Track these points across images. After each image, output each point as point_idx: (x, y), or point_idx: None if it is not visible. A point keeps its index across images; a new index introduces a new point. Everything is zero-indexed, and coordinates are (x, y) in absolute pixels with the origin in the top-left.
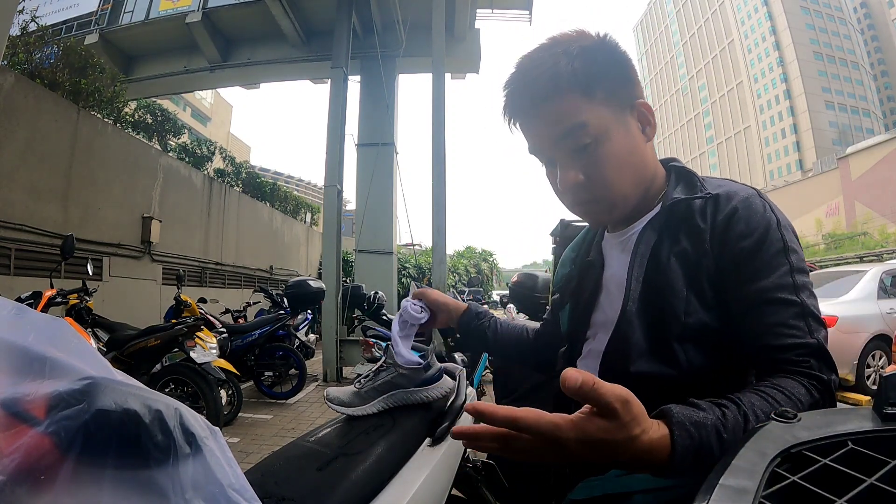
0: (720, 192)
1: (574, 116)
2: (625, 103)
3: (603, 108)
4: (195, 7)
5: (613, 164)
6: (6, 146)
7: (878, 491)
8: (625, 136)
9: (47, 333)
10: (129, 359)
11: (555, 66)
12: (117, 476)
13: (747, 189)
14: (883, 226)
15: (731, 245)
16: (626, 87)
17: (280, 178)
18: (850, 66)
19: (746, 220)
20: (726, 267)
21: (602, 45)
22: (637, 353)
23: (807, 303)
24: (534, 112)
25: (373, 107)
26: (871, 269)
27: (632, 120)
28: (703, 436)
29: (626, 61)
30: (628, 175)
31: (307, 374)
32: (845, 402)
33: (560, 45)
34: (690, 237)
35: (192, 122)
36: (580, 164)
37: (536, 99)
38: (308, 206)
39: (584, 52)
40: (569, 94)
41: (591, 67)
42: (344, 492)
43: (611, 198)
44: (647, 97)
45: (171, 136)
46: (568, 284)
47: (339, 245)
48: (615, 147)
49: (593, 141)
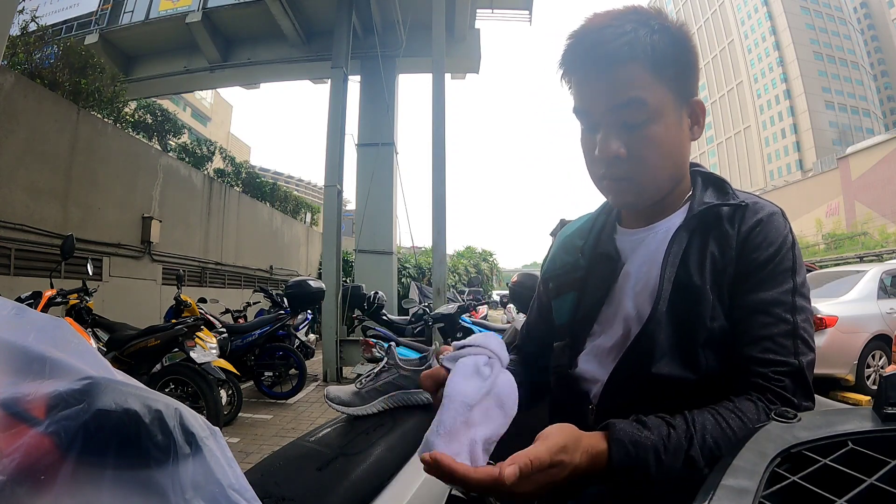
0: (749, 203)
1: (637, 90)
2: (685, 95)
3: (666, 91)
4: (195, 7)
5: (658, 148)
6: (6, 146)
7: (878, 491)
8: (676, 126)
9: (47, 333)
10: (129, 359)
11: (635, 32)
12: (117, 476)
13: (774, 206)
14: (883, 226)
15: (747, 254)
16: (691, 80)
17: (280, 178)
18: (850, 66)
19: (766, 233)
20: (739, 274)
21: (680, 32)
22: (661, 354)
23: (800, 325)
24: (598, 71)
25: (373, 107)
26: (871, 269)
27: (685, 114)
28: (641, 455)
29: (696, 55)
30: (668, 164)
31: (307, 374)
32: (845, 401)
33: (641, 15)
34: (719, 243)
35: (192, 122)
36: (627, 137)
37: (607, 58)
38: (308, 206)
39: (665, 30)
40: (640, 64)
41: (669, 47)
42: (344, 492)
43: (644, 181)
44: None
45: (171, 136)
46: (573, 273)
47: (339, 245)
48: (665, 133)
49: (647, 120)
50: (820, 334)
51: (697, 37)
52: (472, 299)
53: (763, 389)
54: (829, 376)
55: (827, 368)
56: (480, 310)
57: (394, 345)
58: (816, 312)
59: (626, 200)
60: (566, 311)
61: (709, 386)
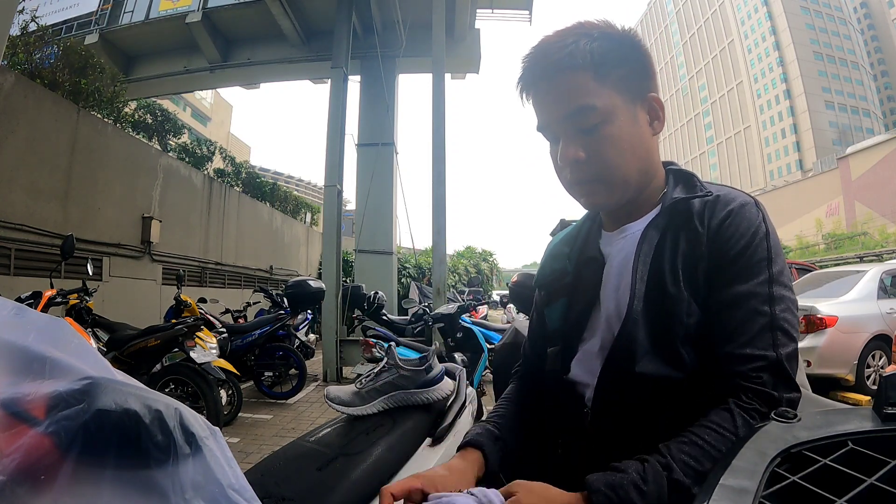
0: (719, 195)
1: (584, 97)
2: (637, 94)
3: (613, 93)
4: (195, 7)
5: (615, 146)
6: (6, 146)
7: (878, 491)
8: (631, 123)
9: (47, 333)
10: (129, 359)
11: (574, 44)
12: (117, 476)
13: (745, 196)
14: (883, 226)
15: (719, 247)
16: (641, 79)
17: (280, 178)
18: (850, 66)
19: (737, 224)
20: (713, 269)
21: (626, 35)
22: (642, 352)
23: (778, 315)
24: (546, 85)
25: (373, 107)
26: (871, 269)
27: (641, 111)
28: (621, 494)
29: (644, 55)
30: (630, 160)
31: (307, 374)
32: (845, 401)
33: (584, 28)
34: (689, 240)
35: (192, 122)
36: (584, 142)
37: (550, 71)
38: (308, 206)
39: (605, 37)
40: (582, 71)
41: (609, 52)
42: (344, 492)
43: (609, 178)
44: None
45: (171, 136)
46: (561, 280)
47: (339, 245)
48: (619, 131)
49: (599, 122)
50: (820, 334)
51: (697, 37)
52: (472, 299)
53: (741, 389)
54: (829, 376)
55: (827, 368)
56: (480, 310)
57: (394, 345)
58: (816, 312)
59: (597, 201)
60: (557, 317)
61: (698, 382)
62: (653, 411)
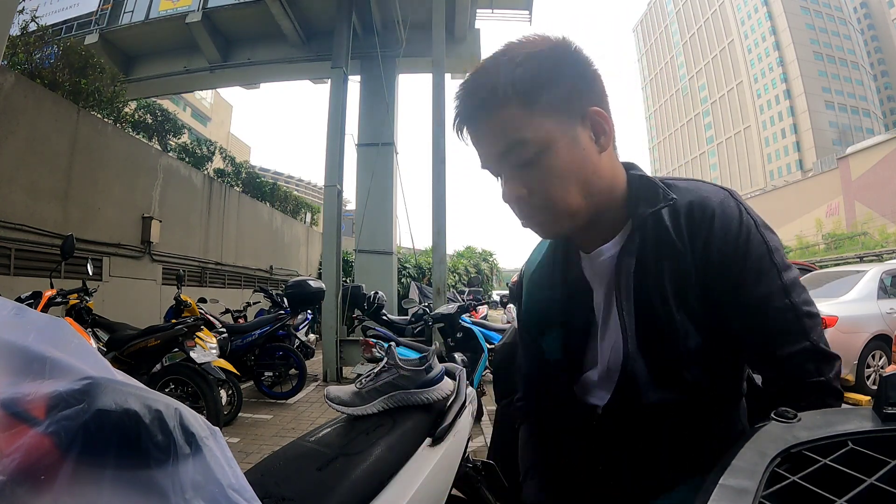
0: (693, 201)
1: (514, 132)
2: (574, 113)
3: (545, 120)
4: (195, 7)
5: (556, 177)
6: (6, 146)
7: (878, 491)
8: (571, 148)
9: (47, 333)
10: (129, 359)
11: (496, 75)
12: (117, 476)
13: (718, 192)
14: (883, 226)
15: (714, 257)
16: (577, 95)
17: (280, 178)
18: (850, 66)
19: (725, 229)
20: (713, 280)
21: (554, 50)
22: (646, 386)
23: (797, 303)
24: (475, 126)
25: (373, 107)
26: (871, 269)
27: (582, 130)
28: None
29: (578, 67)
30: (574, 188)
31: (307, 374)
32: (845, 402)
33: (509, 51)
34: (670, 257)
35: (192, 122)
36: (523, 178)
37: (477, 112)
38: (308, 206)
39: (530, 58)
40: (507, 105)
41: (535, 75)
42: (344, 492)
43: (556, 210)
44: (647, 97)
45: (171, 136)
46: (550, 309)
47: (339, 245)
48: (559, 161)
49: (535, 155)
50: None
51: (697, 37)
52: (472, 299)
53: (796, 389)
54: None
55: None
56: (480, 310)
57: (394, 345)
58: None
59: (552, 233)
60: (556, 348)
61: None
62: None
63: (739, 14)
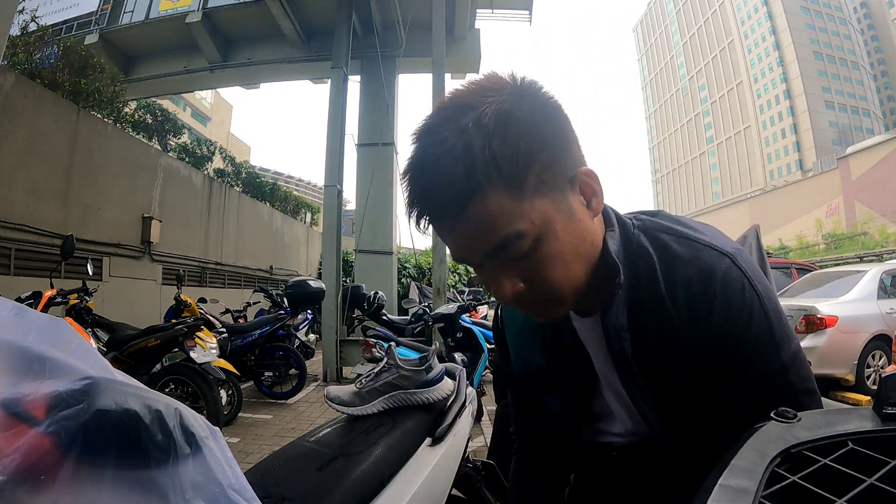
0: (692, 277)
1: (505, 225)
2: (564, 180)
3: (538, 202)
4: (195, 7)
5: (559, 264)
6: (6, 146)
7: (878, 491)
8: (568, 224)
9: (47, 333)
10: (129, 359)
11: (465, 153)
12: (117, 476)
13: (720, 260)
14: (883, 226)
15: (714, 335)
16: (564, 158)
17: (280, 178)
18: (850, 66)
19: (727, 308)
20: (711, 353)
21: (523, 98)
22: (674, 460)
23: (795, 382)
24: (450, 224)
25: (373, 107)
26: (871, 269)
27: (574, 198)
28: None
29: (557, 119)
30: (577, 268)
31: (307, 374)
32: (845, 402)
33: (468, 109)
34: (671, 332)
35: (192, 122)
36: (519, 271)
37: (448, 208)
38: (308, 206)
39: (503, 120)
40: (492, 193)
41: (517, 144)
42: (344, 492)
43: (559, 296)
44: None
45: (171, 136)
46: (543, 375)
47: (339, 245)
48: (558, 243)
49: (533, 245)
50: (820, 334)
51: (697, 37)
52: (472, 299)
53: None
54: (829, 376)
55: (827, 368)
56: (480, 310)
57: (394, 345)
58: (816, 312)
59: (553, 317)
60: (557, 406)
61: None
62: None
63: (739, 14)
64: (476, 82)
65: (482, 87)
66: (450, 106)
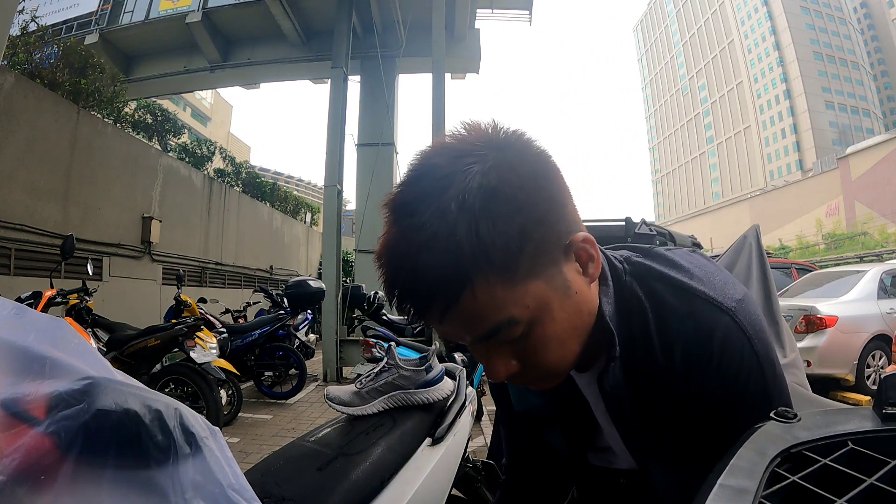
0: (690, 336)
1: (496, 313)
2: (558, 251)
3: (531, 284)
4: (195, 7)
5: (555, 345)
6: (6, 146)
7: (878, 491)
8: (564, 302)
9: (47, 333)
10: (129, 359)
11: (450, 243)
12: (117, 476)
13: (720, 318)
14: (883, 226)
15: (708, 393)
16: (558, 227)
17: (280, 178)
18: (850, 66)
19: (724, 368)
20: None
21: (509, 163)
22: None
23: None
24: (437, 314)
25: (373, 107)
26: (871, 269)
27: (569, 268)
28: None
29: (550, 180)
30: (573, 344)
31: (307, 374)
32: (845, 401)
33: (448, 181)
34: (666, 387)
35: (192, 122)
36: (511, 351)
37: (433, 301)
38: (308, 206)
39: (489, 198)
40: (481, 285)
41: (507, 227)
42: (344, 492)
43: (554, 374)
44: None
45: (171, 136)
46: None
47: (339, 245)
48: (554, 326)
49: (527, 328)
50: (820, 334)
51: (697, 37)
52: None
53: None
54: (829, 376)
55: (827, 368)
56: None
57: (394, 345)
58: (816, 312)
59: (548, 387)
60: (559, 440)
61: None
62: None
63: (739, 14)
64: (455, 138)
65: (462, 147)
66: (426, 176)
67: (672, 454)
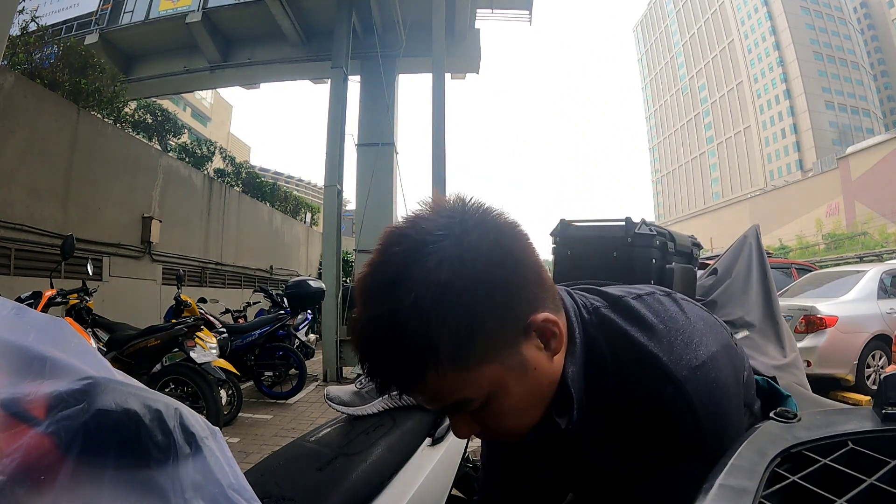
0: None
1: (451, 395)
2: (516, 334)
3: (486, 367)
4: (195, 7)
5: (512, 415)
6: (6, 146)
7: (878, 491)
8: (521, 379)
9: (47, 333)
10: (129, 359)
11: (402, 339)
12: (117, 476)
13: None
14: (883, 226)
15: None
16: (515, 312)
17: (280, 178)
18: (850, 66)
19: (664, 433)
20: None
21: (465, 252)
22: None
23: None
24: (397, 392)
25: (373, 107)
26: (871, 269)
27: (528, 346)
28: None
29: (508, 267)
30: (533, 412)
31: (307, 374)
32: (845, 401)
33: (406, 271)
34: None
35: (192, 122)
36: (474, 418)
37: (394, 383)
38: (308, 206)
39: (439, 297)
40: (433, 374)
41: (455, 324)
42: (344, 492)
43: (517, 435)
44: (647, 97)
45: (171, 136)
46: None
47: (339, 245)
48: (511, 401)
49: (484, 403)
50: (820, 334)
51: (697, 37)
52: None
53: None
54: (829, 376)
55: (827, 368)
56: None
57: None
58: (816, 312)
59: (514, 440)
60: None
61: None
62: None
63: (739, 14)
64: (421, 217)
65: (421, 237)
66: (389, 264)
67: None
